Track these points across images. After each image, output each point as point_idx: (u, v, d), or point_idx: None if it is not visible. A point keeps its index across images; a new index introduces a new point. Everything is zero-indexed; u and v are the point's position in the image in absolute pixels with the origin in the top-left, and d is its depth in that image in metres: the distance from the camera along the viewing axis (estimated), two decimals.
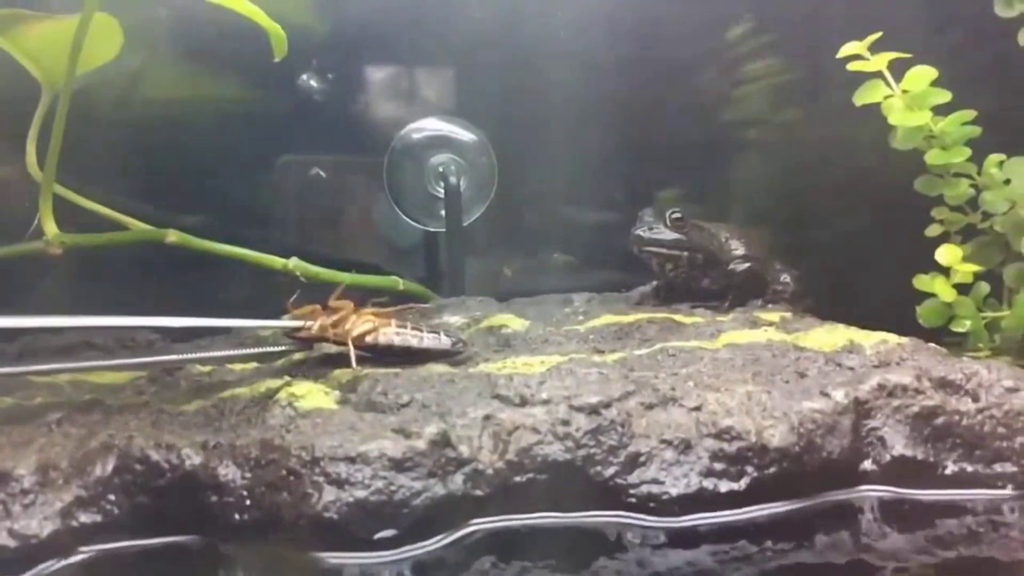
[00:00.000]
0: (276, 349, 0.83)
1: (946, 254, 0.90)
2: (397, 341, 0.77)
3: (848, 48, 0.90)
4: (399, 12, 1.05)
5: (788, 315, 0.93)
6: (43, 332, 0.90)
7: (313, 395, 0.69)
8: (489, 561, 0.59)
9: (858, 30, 0.90)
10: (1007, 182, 0.89)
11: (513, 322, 0.89)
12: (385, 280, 1.00)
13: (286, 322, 0.79)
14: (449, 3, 1.08)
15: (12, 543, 0.55)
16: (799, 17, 1.08)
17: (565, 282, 1.09)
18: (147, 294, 0.97)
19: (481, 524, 0.62)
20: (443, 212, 1.05)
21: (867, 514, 0.64)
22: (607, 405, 0.65)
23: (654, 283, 1.04)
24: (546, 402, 0.65)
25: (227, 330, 0.93)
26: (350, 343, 0.75)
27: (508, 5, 1.08)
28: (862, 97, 0.91)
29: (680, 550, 0.59)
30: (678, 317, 0.91)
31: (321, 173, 1.06)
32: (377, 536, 0.58)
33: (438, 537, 0.60)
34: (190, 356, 0.80)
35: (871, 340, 0.79)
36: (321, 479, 0.58)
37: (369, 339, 0.76)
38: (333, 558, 0.58)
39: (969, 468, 0.66)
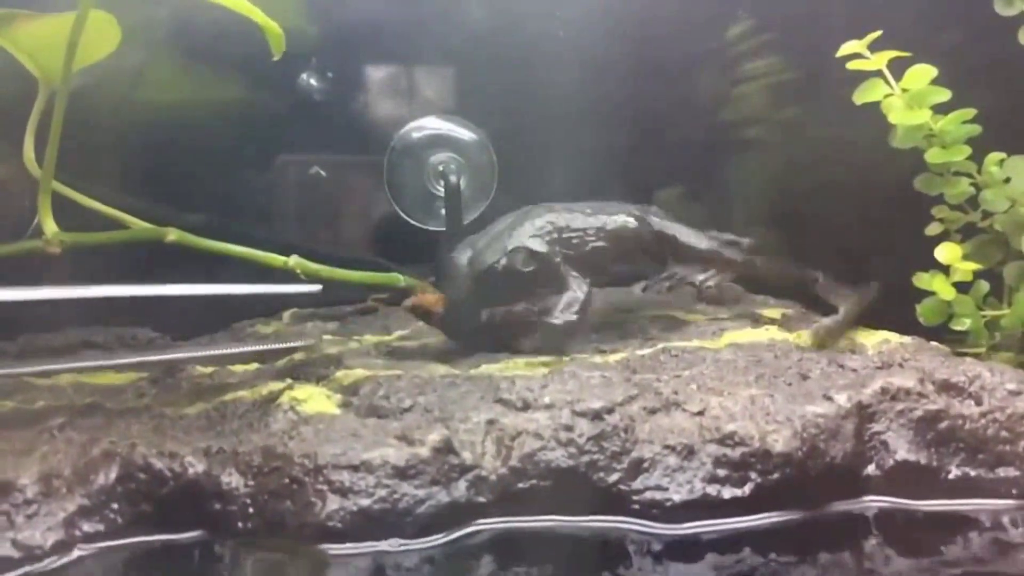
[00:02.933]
0: (277, 347, 0.83)
1: (946, 252, 0.89)
2: None
3: (848, 47, 0.89)
4: (399, 10, 1.04)
5: (789, 312, 0.93)
6: (42, 329, 0.90)
7: (315, 399, 0.68)
8: (489, 562, 0.59)
9: (857, 28, 0.89)
10: (1007, 180, 0.89)
11: None
12: (386, 277, 0.99)
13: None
14: (449, 1, 1.07)
15: (16, 554, 0.55)
16: (799, 16, 1.07)
17: None
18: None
19: (484, 526, 0.61)
20: (443, 211, 1.05)
21: (870, 516, 0.64)
22: (610, 410, 0.65)
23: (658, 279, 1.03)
24: (549, 407, 0.65)
25: (228, 326, 0.94)
26: None
27: (508, 4, 1.08)
28: (862, 96, 0.91)
29: (683, 557, 0.59)
30: (679, 314, 0.91)
31: (321, 172, 1.06)
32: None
33: (440, 535, 0.60)
34: (191, 355, 0.80)
35: (873, 340, 0.79)
36: (324, 488, 0.58)
37: None
38: (334, 550, 0.57)
39: (972, 473, 0.66)
